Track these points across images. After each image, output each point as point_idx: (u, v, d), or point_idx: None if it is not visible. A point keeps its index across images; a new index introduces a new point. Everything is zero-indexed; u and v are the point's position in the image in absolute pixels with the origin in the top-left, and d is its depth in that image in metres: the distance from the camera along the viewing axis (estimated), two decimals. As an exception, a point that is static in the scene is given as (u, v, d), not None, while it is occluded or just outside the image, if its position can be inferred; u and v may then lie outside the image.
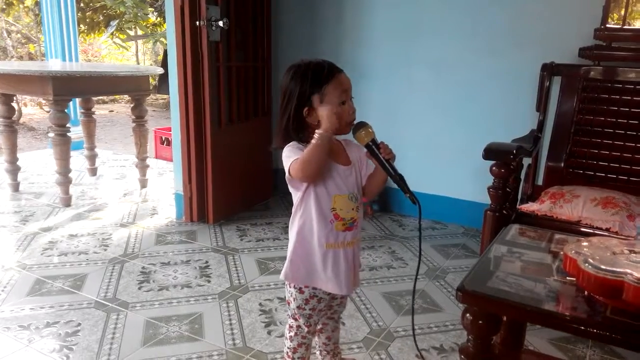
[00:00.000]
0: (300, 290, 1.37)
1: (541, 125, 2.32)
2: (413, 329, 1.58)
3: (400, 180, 1.25)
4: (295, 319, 1.43)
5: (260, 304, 2.05)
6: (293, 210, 1.34)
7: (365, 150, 1.30)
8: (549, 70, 2.30)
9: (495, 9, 2.71)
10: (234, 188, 3.00)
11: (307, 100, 1.26)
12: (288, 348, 1.47)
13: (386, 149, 1.27)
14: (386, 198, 3.20)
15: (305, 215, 1.31)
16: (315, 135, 1.21)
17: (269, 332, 1.85)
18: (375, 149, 1.27)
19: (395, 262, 2.48)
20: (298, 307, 1.39)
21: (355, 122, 1.29)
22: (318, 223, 1.30)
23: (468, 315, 1.18)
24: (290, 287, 1.39)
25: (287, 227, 1.36)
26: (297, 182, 1.29)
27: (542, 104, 2.33)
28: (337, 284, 1.33)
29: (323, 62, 1.29)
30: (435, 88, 2.95)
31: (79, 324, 1.88)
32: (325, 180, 1.28)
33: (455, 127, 2.94)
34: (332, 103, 1.24)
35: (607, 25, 2.25)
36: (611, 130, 2.18)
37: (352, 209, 1.32)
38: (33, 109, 7.45)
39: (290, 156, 1.25)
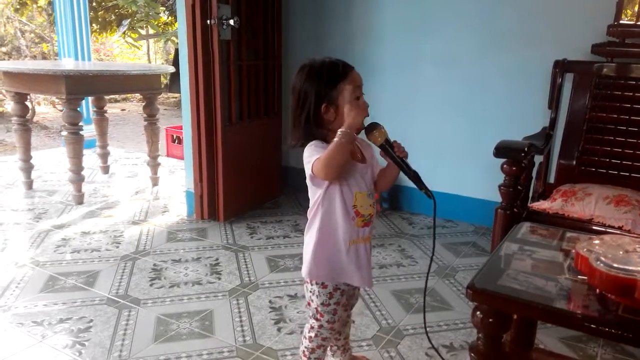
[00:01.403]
0: (323, 285, 1.38)
1: (553, 122, 2.30)
2: (425, 326, 1.57)
3: (415, 177, 1.29)
4: (317, 319, 1.42)
5: (270, 301, 2.06)
6: (313, 208, 1.35)
7: (378, 149, 1.33)
8: (561, 67, 2.28)
9: (506, 5, 2.69)
10: (244, 186, 3.01)
11: (324, 97, 1.29)
12: (305, 347, 1.46)
13: (400, 148, 1.31)
14: (396, 196, 3.20)
15: (328, 212, 1.33)
16: (338, 133, 1.23)
17: (278, 329, 1.86)
18: (390, 149, 1.30)
19: (405, 260, 2.48)
20: (322, 304, 1.39)
21: (366, 124, 1.31)
22: (342, 220, 1.32)
23: (478, 313, 1.17)
24: (312, 284, 1.39)
25: (297, 224, 1.36)
26: (319, 180, 1.30)
27: (554, 101, 2.31)
28: (361, 276, 1.37)
29: (337, 61, 1.33)
30: (445, 85, 2.94)
31: (91, 320, 1.90)
32: (347, 178, 1.31)
33: (465, 124, 2.92)
34: (348, 99, 1.27)
35: (621, 22, 2.22)
36: (624, 128, 2.15)
37: (370, 206, 1.37)
38: (46, 108, 7.52)
39: (313, 155, 1.28)
